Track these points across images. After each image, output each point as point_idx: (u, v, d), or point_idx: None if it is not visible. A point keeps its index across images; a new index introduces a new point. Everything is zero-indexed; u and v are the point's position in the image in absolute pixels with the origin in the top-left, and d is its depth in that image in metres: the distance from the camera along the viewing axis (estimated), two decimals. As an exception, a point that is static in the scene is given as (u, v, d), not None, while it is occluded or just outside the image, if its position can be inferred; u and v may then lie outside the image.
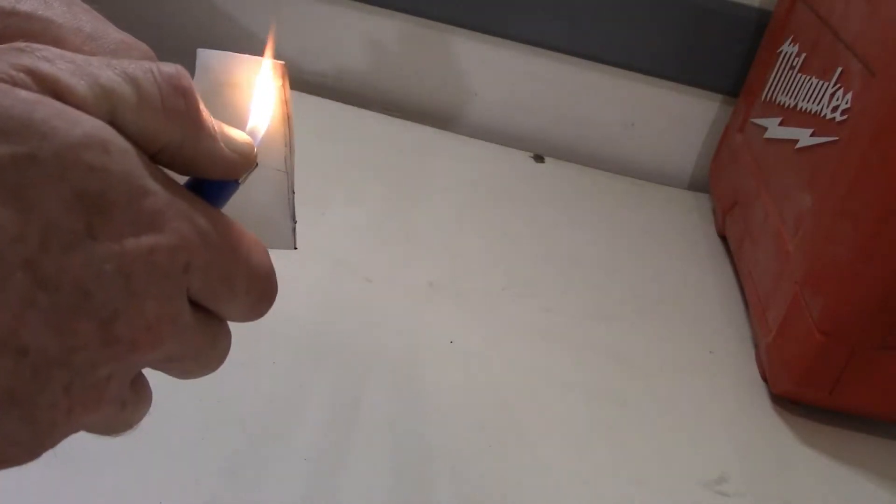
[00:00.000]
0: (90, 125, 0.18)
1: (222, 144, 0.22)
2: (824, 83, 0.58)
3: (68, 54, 0.19)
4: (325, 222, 0.66)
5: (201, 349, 0.22)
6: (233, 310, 0.22)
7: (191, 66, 0.25)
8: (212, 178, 0.22)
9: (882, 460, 0.53)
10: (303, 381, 0.49)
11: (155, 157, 0.21)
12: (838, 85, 0.55)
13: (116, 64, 0.20)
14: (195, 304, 0.21)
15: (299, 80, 0.92)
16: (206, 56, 0.25)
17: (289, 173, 0.26)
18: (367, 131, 0.83)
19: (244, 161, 0.22)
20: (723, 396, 0.56)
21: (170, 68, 0.21)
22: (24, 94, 0.18)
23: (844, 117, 0.53)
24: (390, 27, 0.89)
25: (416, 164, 0.79)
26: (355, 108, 0.86)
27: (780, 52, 0.72)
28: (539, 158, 0.86)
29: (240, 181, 0.23)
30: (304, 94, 0.85)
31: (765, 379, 0.58)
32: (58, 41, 0.24)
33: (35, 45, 0.19)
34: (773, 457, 0.51)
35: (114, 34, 0.25)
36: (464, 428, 0.48)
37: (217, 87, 0.25)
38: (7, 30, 0.24)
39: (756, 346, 0.61)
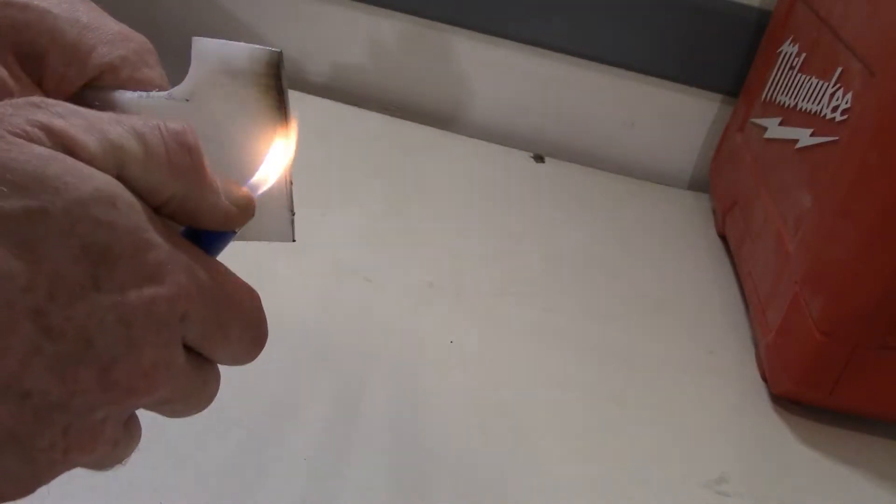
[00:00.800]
0: (100, 181, 0.19)
1: (223, 198, 0.23)
2: (824, 83, 0.58)
3: (81, 110, 0.20)
4: (325, 222, 0.65)
5: (192, 392, 0.23)
6: (225, 355, 0.23)
7: (188, 59, 0.25)
8: (211, 229, 0.23)
9: (882, 460, 0.53)
10: (303, 381, 0.49)
11: (158, 209, 0.21)
12: (838, 85, 0.55)
13: (125, 120, 0.21)
14: (189, 349, 0.22)
15: (299, 80, 0.92)
16: (201, 44, 0.25)
17: (287, 165, 0.26)
18: (367, 131, 0.83)
19: (243, 214, 0.23)
20: (723, 396, 0.56)
21: (176, 125, 0.21)
22: (38, 149, 0.18)
23: (844, 117, 0.53)
24: (390, 27, 0.89)
25: (416, 164, 0.79)
26: (355, 108, 0.86)
27: (780, 52, 0.72)
28: (539, 158, 0.86)
29: (237, 231, 0.24)
30: (304, 94, 0.85)
31: (765, 379, 0.58)
32: (54, 31, 0.24)
33: (49, 101, 0.20)
34: (773, 457, 0.51)
35: (111, 25, 0.25)
36: (464, 428, 0.48)
37: (213, 75, 0.25)
38: (3, 20, 0.24)
39: (756, 346, 0.61)
